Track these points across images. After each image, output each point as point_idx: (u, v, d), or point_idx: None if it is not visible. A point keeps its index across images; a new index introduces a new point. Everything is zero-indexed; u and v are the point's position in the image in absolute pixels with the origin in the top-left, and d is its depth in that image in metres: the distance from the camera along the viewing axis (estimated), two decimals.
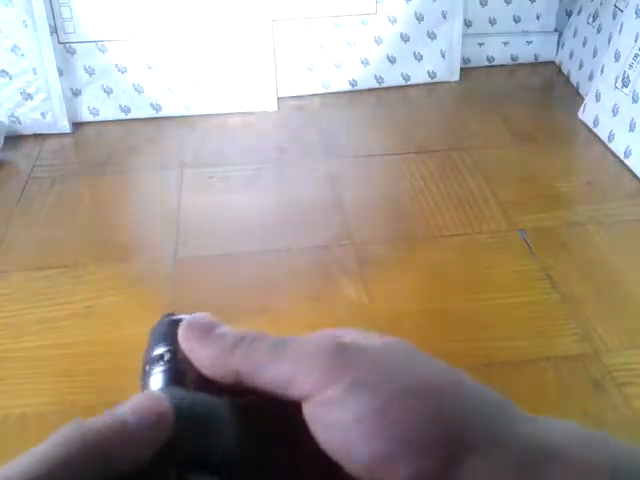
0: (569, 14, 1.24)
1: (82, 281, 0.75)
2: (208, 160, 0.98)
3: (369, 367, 0.22)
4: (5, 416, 0.59)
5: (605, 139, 0.98)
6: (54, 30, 1.01)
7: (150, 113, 1.09)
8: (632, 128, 0.91)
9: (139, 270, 0.76)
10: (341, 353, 0.23)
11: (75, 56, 1.04)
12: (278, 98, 1.11)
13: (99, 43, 1.03)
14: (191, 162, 0.97)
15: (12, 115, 1.03)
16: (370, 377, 0.22)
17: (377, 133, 1.05)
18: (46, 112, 1.03)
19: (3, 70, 1.00)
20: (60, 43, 1.03)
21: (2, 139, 1.01)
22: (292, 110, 1.12)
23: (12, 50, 0.99)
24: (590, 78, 1.08)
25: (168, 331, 0.25)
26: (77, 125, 1.07)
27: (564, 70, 1.22)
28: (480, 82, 1.21)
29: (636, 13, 0.95)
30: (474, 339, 0.66)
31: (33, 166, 0.97)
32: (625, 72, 0.95)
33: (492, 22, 1.23)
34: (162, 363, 0.24)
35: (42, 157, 1.00)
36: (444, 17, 1.15)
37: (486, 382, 0.65)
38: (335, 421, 0.21)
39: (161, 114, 1.09)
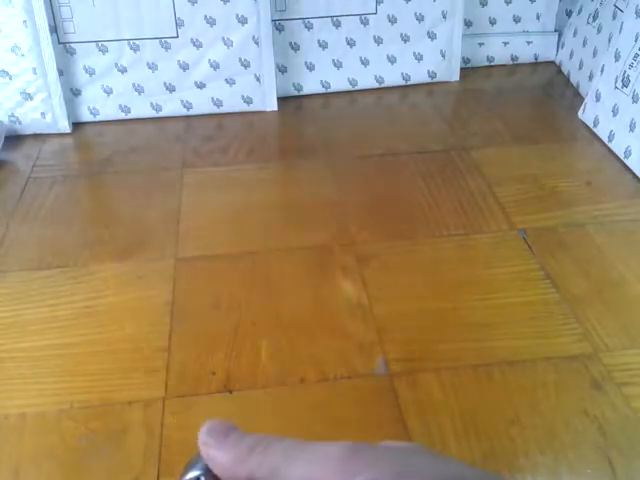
0: (569, 14, 1.24)
1: (82, 281, 0.75)
2: (208, 160, 0.98)
3: (383, 465, 0.22)
4: (5, 416, 0.59)
5: (605, 139, 0.98)
6: (54, 30, 1.01)
7: (150, 113, 1.09)
8: (632, 128, 0.92)
9: (139, 270, 0.76)
10: (355, 453, 0.23)
11: (75, 56, 1.04)
12: (278, 98, 1.11)
13: (99, 43, 1.04)
14: (191, 162, 0.97)
15: (12, 115, 1.03)
16: (384, 474, 0.22)
17: (377, 133, 1.05)
18: (46, 112, 1.03)
19: (3, 70, 1.00)
20: (60, 43, 1.03)
21: (2, 139, 1.01)
22: (292, 110, 1.12)
23: (12, 50, 0.99)
24: (590, 78, 1.08)
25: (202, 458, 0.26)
26: (77, 125, 1.07)
27: (564, 70, 1.22)
28: (480, 82, 1.21)
29: (636, 13, 0.95)
30: (474, 339, 0.66)
31: (33, 166, 0.97)
32: (625, 72, 0.95)
33: (492, 22, 1.23)
34: None
35: (42, 157, 1.00)
36: (444, 17, 1.15)
37: (486, 382, 0.66)
38: None
39: (161, 114, 1.09)
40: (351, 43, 1.13)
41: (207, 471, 0.25)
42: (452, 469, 0.23)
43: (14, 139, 1.03)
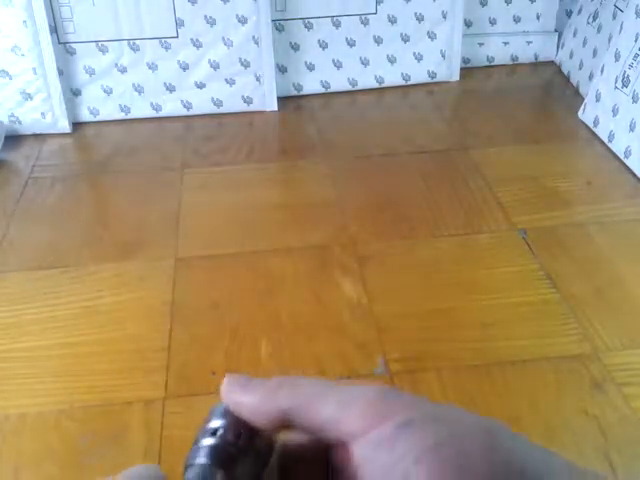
0: (569, 14, 1.24)
1: (82, 281, 0.75)
2: (208, 160, 0.98)
3: (419, 408, 0.22)
4: (5, 416, 0.59)
5: (605, 139, 0.98)
6: (54, 30, 1.01)
7: (150, 113, 1.09)
8: (632, 128, 0.91)
9: (139, 270, 0.76)
10: (390, 394, 0.23)
11: (75, 56, 1.04)
12: (278, 98, 1.11)
13: (99, 43, 1.03)
14: (191, 162, 0.97)
15: (12, 115, 1.03)
16: (421, 416, 0.22)
17: (377, 133, 1.05)
18: (46, 112, 1.03)
19: (3, 70, 1.00)
20: (60, 43, 1.03)
21: (2, 139, 1.01)
22: (292, 110, 1.12)
23: (12, 50, 0.99)
24: (590, 78, 1.08)
25: (229, 410, 0.25)
26: (77, 125, 1.07)
27: (564, 70, 1.22)
28: (480, 82, 1.21)
29: (636, 13, 0.95)
30: (474, 339, 0.66)
31: (33, 166, 0.97)
32: (625, 72, 0.95)
33: (492, 22, 1.23)
34: (214, 437, 0.24)
35: (42, 157, 1.00)
36: (444, 17, 1.15)
37: (486, 382, 0.66)
38: (387, 460, 0.21)
39: (161, 114, 1.09)
40: (351, 43, 1.13)
41: (228, 422, 0.24)
42: (486, 420, 0.23)
43: (14, 139, 1.03)
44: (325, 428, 0.22)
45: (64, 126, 1.05)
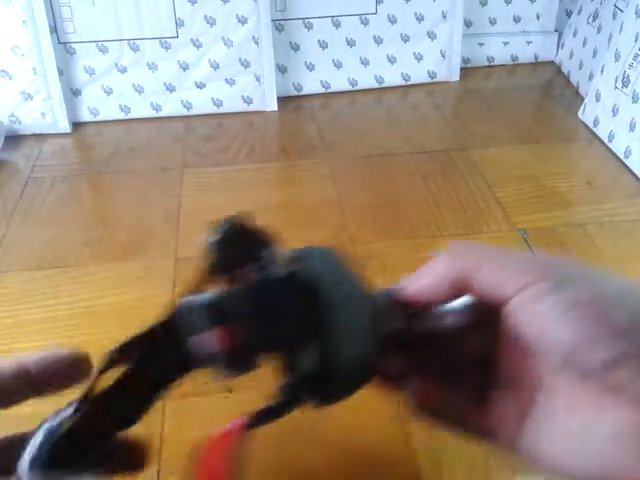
0: (569, 14, 1.24)
1: (82, 281, 0.75)
2: (208, 160, 0.98)
3: (573, 270, 0.26)
4: (5, 415, 0.59)
5: (605, 139, 0.98)
6: (54, 30, 1.01)
7: (150, 113, 1.09)
8: (632, 128, 0.92)
9: (139, 270, 0.76)
10: (547, 259, 0.27)
11: (75, 56, 1.04)
12: (278, 98, 1.11)
13: (99, 43, 1.04)
14: (191, 162, 0.97)
15: (12, 115, 1.03)
16: (574, 277, 0.25)
17: (377, 133, 1.05)
18: (46, 112, 1.03)
19: (3, 70, 1.00)
20: (60, 43, 1.03)
21: (2, 139, 1.01)
22: (292, 110, 1.12)
23: (12, 50, 0.99)
24: (590, 78, 1.09)
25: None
26: (77, 125, 1.07)
27: (564, 70, 1.22)
28: (480, 82, 1.21)
29: (636, 13, 0.95)
30: None
31: (33, 166, 0.97)
32: (625, 72, 0.95)
33: (492, 22, 1.23)
34: None
35: (42, 157, 1.00)
36: (444, 17, 1.15)
37: None
38: (543, 309, 0.24)
39: (161, 114, 1.09)
40: (351, 43, 1.13)
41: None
42: (634, 288, 0.26)
43: (14, 139, 1.03)
44: (488, 289, 0.27)
45: (64, 126, 1.05)
